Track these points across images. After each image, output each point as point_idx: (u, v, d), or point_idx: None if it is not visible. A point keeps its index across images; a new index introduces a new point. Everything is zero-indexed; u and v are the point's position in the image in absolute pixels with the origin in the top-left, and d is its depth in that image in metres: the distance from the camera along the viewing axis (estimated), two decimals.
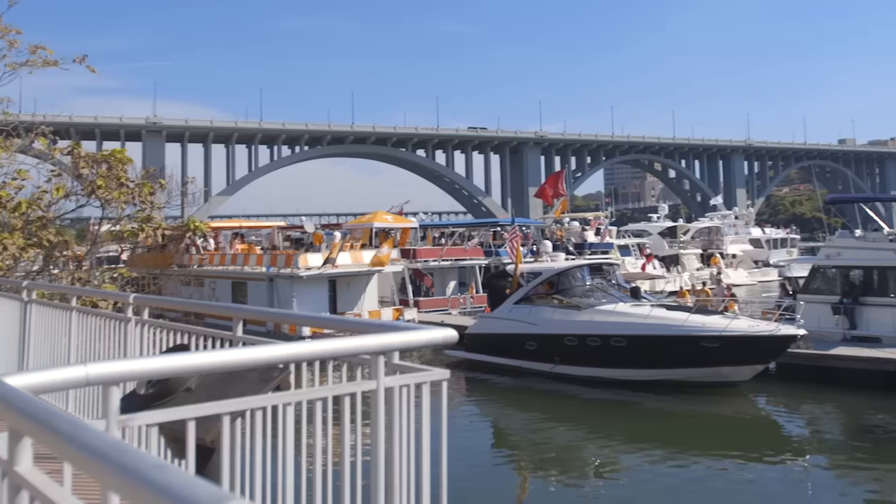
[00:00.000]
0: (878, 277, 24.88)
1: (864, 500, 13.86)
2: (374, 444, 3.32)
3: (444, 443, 3.59)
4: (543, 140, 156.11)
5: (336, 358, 3.41)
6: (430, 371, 3.63)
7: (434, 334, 3.44)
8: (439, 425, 3.57)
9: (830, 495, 14.33)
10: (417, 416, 3.55)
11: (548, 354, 24.21)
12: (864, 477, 15.17)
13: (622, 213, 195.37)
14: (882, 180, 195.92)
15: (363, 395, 3.36)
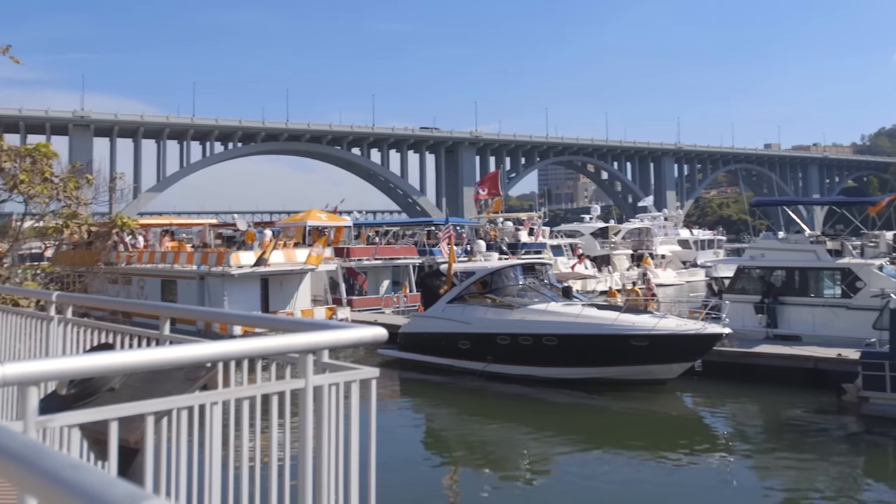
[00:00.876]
0: (799, 278, 25.71)
1: (783, 493, 14.28)
2: (302, 443, 3.31)
3: (372, 441, 3.60)
4: (479, 140, 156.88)
5: (264, 356, 3.39)
6: (360, 369, 3.64)
7: (363, 332, 3.45)
8: (369, 424, 3.58)
9: (753, 489, 14.75)
10: (346, 414, 3.55)
11: (480, 353, 24.37)
12: (783, 470, 15.66)
13: (555, 213, 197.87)
14: (805, 184, 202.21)
15: (292, 393, 3.35)
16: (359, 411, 3.60)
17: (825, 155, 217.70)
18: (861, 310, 23.69)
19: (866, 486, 14.90)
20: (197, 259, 33.39)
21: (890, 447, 16.99)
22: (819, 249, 25.59)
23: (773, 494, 14.26)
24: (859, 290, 24.26)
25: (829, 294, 25.21)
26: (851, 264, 24.94)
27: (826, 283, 25.57)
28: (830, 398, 19.77)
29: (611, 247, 62.03)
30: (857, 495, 14.30)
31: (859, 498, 14.17)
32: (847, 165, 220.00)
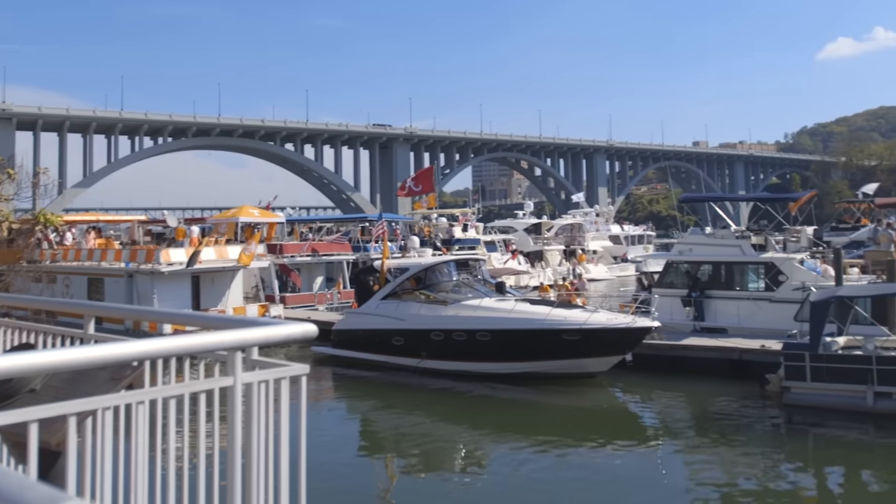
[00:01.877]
0: (725, 272, 26.39)
1: (711, 480, 14.64)
2: (230, 442, 3.28)
3: (303, 438, 3.60)
4: (413, 136, 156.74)
5: (192, 354, 3.35)
6: (290, 366, 3.62)
7: (293, 329, 3.43)
8: (299, 421, 3.57)
9: (681, 478, 15.10)
10: (276, 411, 3.54)
11: (414, 349, 24.40)
12: (710, 458, 16.09)
13: (489, 209, 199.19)
14: (731, 181, 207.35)
15: (221, 391, 3.32)
16: (289, 408, 3.59)
17: (751, 153, 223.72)
18: (783, 302, 24.45)
19: (787, 472, 15.39)
20: (125, 256, 32.66)
21: (809, 434, 17.59)
22: (744, 244, 26.31)
23: (700, 482, 14.62)
24: (782, 284, 25.03)
25: (754, 287, 25.95)
26: (774, 258, 25.71)
27: (750, 276, 26.30)
28: (754, 388, 20.35)
29: (544, 242, 62.68)
30: (778, 480, 14.76)
31: (781, 483, 14.63)
32: (771, 163, 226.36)
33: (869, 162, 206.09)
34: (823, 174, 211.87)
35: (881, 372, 17.86)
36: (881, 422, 17.55)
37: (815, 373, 18.60)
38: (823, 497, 14.25)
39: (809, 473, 15.52)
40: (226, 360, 3.39)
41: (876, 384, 17.85)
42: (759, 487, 14.24)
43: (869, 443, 16.99)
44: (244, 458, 3.30)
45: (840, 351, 19.02)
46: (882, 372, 17.85)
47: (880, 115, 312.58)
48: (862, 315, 21.16)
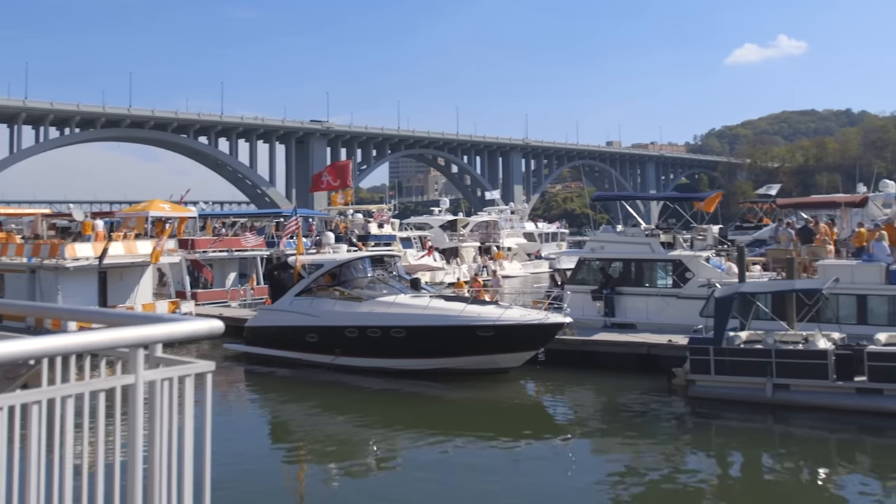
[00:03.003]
0: (635, 269, 27.05)
1: (620, 471, 15.01)
2: (131, 442, 3.22)
3: (207, 437, 3.55)
4: (330, 132, 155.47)
5: (92, 352, 3.27)
6: (195, 363, 3.57)
7: (198, 325, 3.38)
8: (204, 419, 3.53)
9: (591, 469, 15.43)
10: (180, 410, 3.48)
11: (329, 346, 24.24)
12: (620, 450, 16.49)
13: (406, 205, 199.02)
14: (643, 180, 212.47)
15: (123, 390, 3.25)
16: (194, 407, 3.54)
17: (661, 153, 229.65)
18: (690, 298, 25.21)
19: (692, 461, 15.90)
20: (28, 251, 31.46)
21: (712, 425, 18.20)
22: (653, 242, 27.01)
23: (610, 473, 14.97)
24: (689, 281, 25.80)
25: (662, 284, 26.67)
26: (682, 256, 26.47)
27: (659, 273, 27.02)
28: (662, 382, 20.94)
29: (459, 239, 63.08)
30: (683, 469, 15.24)
31: (686, 471, 15.10)
32: (681, 163, 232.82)
33: (772, 164, 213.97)
34: (730, 175, 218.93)
35: (779, 364, 18.61)
36: (779, 412, 18.32)
37: (719, 366, 19.25)
38: (725, 484, 14.77)
39: (712, 462, 16.07)
40: (128, 358, 3.32)
41: (775, 376, 18.60)
42: (666, 476, 14.67)
43: (768, 432, 17.70)
44: (147, 459, 3.24)
45: (742, 345, 19.71)
46: (780, 364, 18.60)
47: (783, 120, 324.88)
48: (763, 310, 22.02)
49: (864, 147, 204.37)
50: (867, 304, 23.11)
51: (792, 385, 18.59)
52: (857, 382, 18.08)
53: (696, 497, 13.72)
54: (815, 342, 19.07)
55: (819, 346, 18.76)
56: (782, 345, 19.22)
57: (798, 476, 14.96)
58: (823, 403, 18.18)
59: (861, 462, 15.85)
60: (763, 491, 14.17)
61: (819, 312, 21.20)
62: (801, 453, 16.07)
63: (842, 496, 13.91)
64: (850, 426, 17.39)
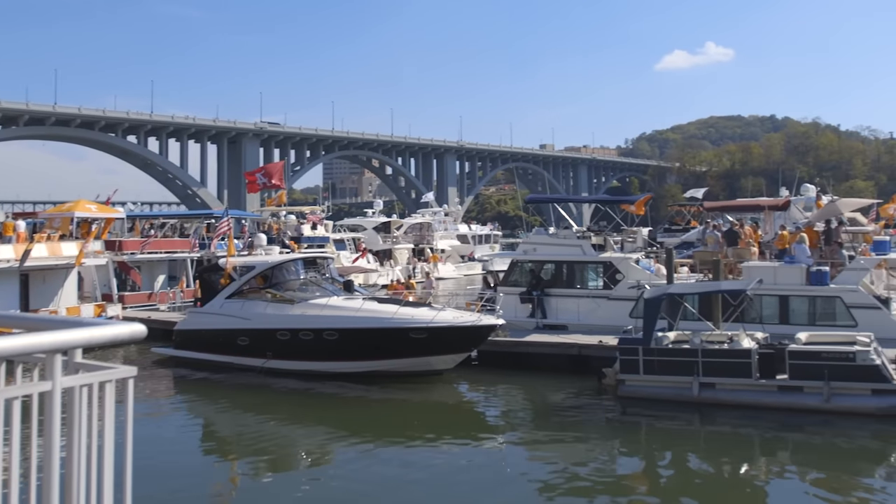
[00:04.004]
0: (567, 271, 27.37)
1: (551, 470, 15.15)
2: (48, 451, 3.13)
3: (128, 444, 3.47)
4: (263, 132, 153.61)
5: (8, 358, 3.17)
6: (116, 368, 3.49)
7: (119, 329, 3.31)
8: (126, 426, 3.45)
9: (523, 469, 15.55)
10: (100, 417, 3.40)
11: (260, 349, 23.95)
12: (551, 449, 16.65)
13: (340, 207, 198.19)
14: (575, 183, 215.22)
15: (40, 397, 3.16)
16: (114, 414, 3.46)
17: (593, 156, 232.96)
18: (620, 300, 25.66)
19: (622, 459, 16.19)
20: None
21: (641, 423, 18.53)
22: (585, 244, 27.37)
23: (542, 472, 15.09)
24: (619, 282, 26.22)
25: (593, 286, 27.04)
26: (612, 258, 26.89)
27: (590, 275, 27.39)
28: (593, 382, 21.23)
29: (393, 241, 63.00)
30: (613, 468, 15.51)
31: (616, 470, 15.36)
32: (612, 167, 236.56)
33: (700, 168, 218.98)
34: (659, 178, 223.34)
35: (706, 364, 19.06)
36: (705, 410, 18.76)
37: (648, 366, 19.62)
38: (654, 481, 15.05)
39: (641, 460, 16.35)
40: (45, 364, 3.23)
41: (701, 375, 19.04)
42: (596, 475, 14.88)
43: (694, 430, 18.11)
44: (64, 468, 3.16)
45: (670, 345, 20.13)
46: (706, 364, 19.05)
47: (710, 125, 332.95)
48: (690, 311, 22.51)
49: (787, 152, 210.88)
50: (789, 305, 23.85)
51: (717, 383, 19.05)
52: (778, 380, 18.63)
53: (625, 495, 13.95)
54: (740, 342, 19.58)
55: (743, 346, 19.27)
56: (708, 344, 19.68)
57: (723, 472, 15.33)
58: (747, 401, 18.68)
59: (782, 457, 16.31)
60: (690, 487, 14.47)
61: (744, 312, 21.77)
62: (726, 450, 16.47)
63: (764, 491, 14.31)
64: (772, 423, 17.88)
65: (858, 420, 17.55)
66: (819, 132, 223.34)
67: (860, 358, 18.01)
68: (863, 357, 18.00)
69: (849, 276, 23.85)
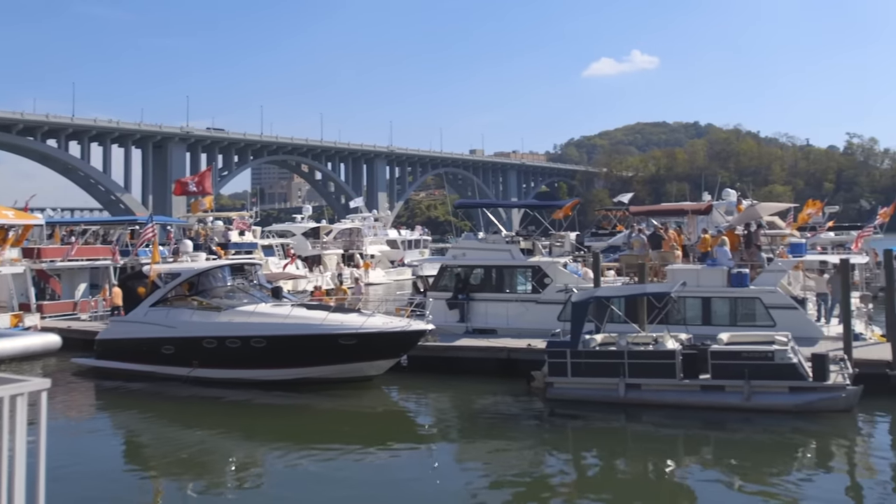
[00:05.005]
0: (496, 275, 27.56)
1: (482, 473, 15.22)
2: None
3: (41, 457, 3.38)
4: (190, 136, 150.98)
5: None
6: (28, 381, 3.40)
7: (31, 340, 3.23)
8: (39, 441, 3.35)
9: (454, 473, 15.57)
10: (11, 430, 3.30)
11: (186, 358, 23.48)
12: (481, 453, 16.71)
13: (268, 213, 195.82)
14: (505, 188, 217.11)
15: None
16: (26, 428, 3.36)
17: (523, 162, 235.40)
18: (549, 304, 25.96)
19: (550, 461, 16.35)
20: None
21: (569, 425, 18.77)
22: (513, 249, 27.62)
23: (472, 476, 15.15)
24: (547, 286, 26.53)
25: (522, 290, 27.30)
26: (541, 262, 27.20)
27: (519, 279, 27.64)
28: (521, 385, 21.39)
29: (322, 247, 62.57)
30: (542, 470, 15.65)
31: (544, 472, 15.51)
32: (541, 172, 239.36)
33: (627, 173, 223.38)
34: (587, 183, 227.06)
35: (631, 365, 19.42)
36: (631, 411, 19.10)
37: (575, 368, 19.88)
38: (581, 481, 15.23)
39: (569, 462, 16.52)
40: None
41: (627, 376, 19.38)
42: (526, 477, 15.02)
43: (621, 430, 18.40)
44: None
45: (597, 347, 20.43)
46: (632, 365, 19.41)
47: (637, 131, 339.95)
48: (617, 314, 22.93)
49: (710, 158, 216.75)
50: (711, 306, 24.48)
51: (643, 384, 19.43)
52: (701, 380, 19.09)
53: (554, 495, 14.09)
54: (664, 343, 19.99)
55: (667, 347, 19.68)
56: (634, 346, 20.05)
57: (649, 470, 15.63)
58: (671, 401, 19.09)
59: (705, 455, 16.71)
60: (617, 486, 14.71)
61: (668, 314, 22.28)
62: (651, 449, 16.79)
63: (689, 487, 14.62)
64: (695, 422, 18.32)
65: (777, 417, 18.11)
66: (740, 138, 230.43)
67: (778, 357, 18.57)
68: (780, 356, 18.57)
69: (768, 278, 24.60)
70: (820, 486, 14.27)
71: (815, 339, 22.83)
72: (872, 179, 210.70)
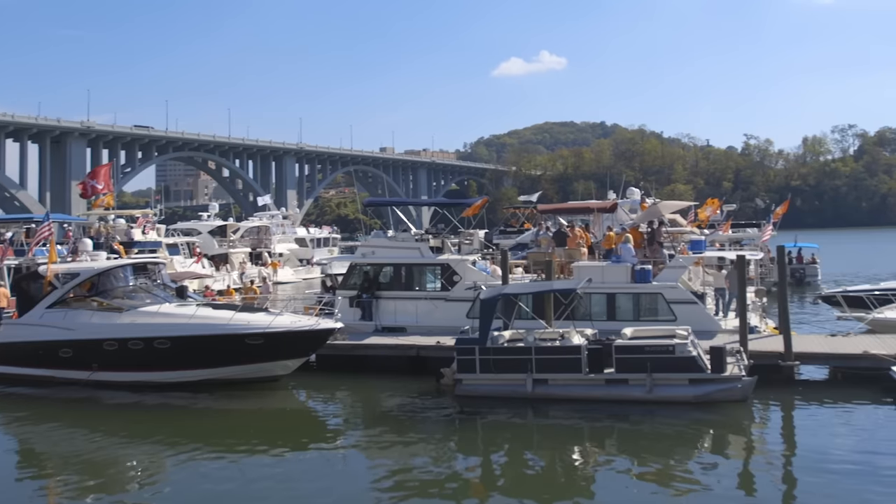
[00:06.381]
0: (405, 273, 27.58)
1: (390, 473, 15.16)
2: None
3: None
4: (91, 131, 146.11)
5: None
6: None
7: None
8: None
9: (363, 473, 15.51)
10: None
11: (85, 361, 22.71)
12: (390, 451, 16.65)
13: (174, 211, 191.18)
14: (415, 186, 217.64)
15: None
16: None
17: (433, 160, 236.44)
18: (458, 301, 26.14)
19: (459, 457, 16.46)
20: None
21: (478, 421, 18.89)
22: (423, 247, 27.69)
23: (382, 475, 15.11)
24: (456, 284, 26.70)
25: (431, 288, 27.40)
26: (450, 260, 27.35)
27: (428, 277, 27.73)
28: (431, 382, 21.50)
29: (229, 245, 61.50)
30: (451, 466, 15.73)
31: (454, 468, 15.59)
32: (451, 170, 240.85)
33: (535, 171, 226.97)
34: (497, 181, 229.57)
35: (538, 361, 19.74)
36: (538, 405, 19.42)
37: (484, 365, 20.07)
38: (490, 476, 15.39)
39: (478, 457, 16.65)
40: None
41: (534, 372, 19.69)
42: (435, 474, 15.08)
43: (528, 425, 18.66)
44: None
45: (505, 344, 20.68)
46: (539, 361, 19.73)
47: (545, 130, 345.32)
48: (525, 310, 23.29)
49: (616, 157, 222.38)
50: (616, 302, 25.08)
51: (550, 379, 19.77)
52: (606, 374, 19.56)
53: (463, 491, 14.19)
54: (570, 338, 20.39)
55: (573, 343, 20.09)
56: (541, 342, 20.38)
57: (556, 464, 15.88)
58: (577, 395, 19.49)
59: (609, 447, 17.08)
60: (525, 480, 14.90)
61: (574, 310, 22.71)
62: (558, 443, 17.10)
63: (594, 479, 14.94)
64: (600, 415, 18.74)
65: (677, 408, 18.70)
66: (644, 139, 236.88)
67: (679, 350, 19.17)
68: (681, 349, 19.18)
69: (669, 274, 25.36)
70: (717, 472, 14.79)
71: (713, 333, 23.66)
72: (767, 179, 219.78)
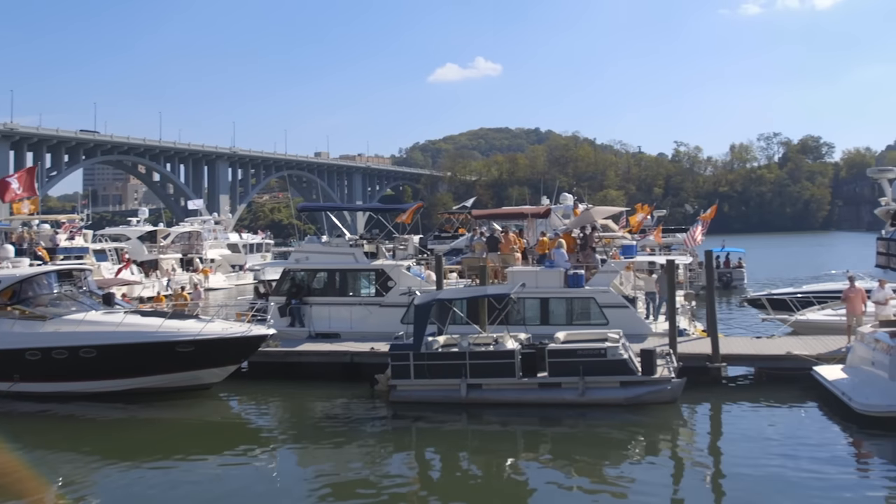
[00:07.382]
0: (340, 279, 27.43)
1: (323, 481, 15.03)
2: None
3: None
4: (14, 133, 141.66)
5: None
6: None
7: None
8: None
9: (295, 481, 15.36)
10: None
11: (6, 372, 21.93)
12: (324, 458, 16.55)
13: (102, 215, 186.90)
14: (350, 191, 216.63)
15: None
16: None
17: (368, 165, 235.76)
18: (392, 307, 26.09)
19: (393, 463, 16.39)
20: None
21: (412, 427, 18.85)
22: (357, 252, 27.58)
23: (315, 483, 14.94)
24: (391, 289, 26.64)
25: (366, 293, 27.31)
26: (384, 265, 27.30)
27: (363, 283, 27.65)
28: (365, 389, 21.37)
29: (159, 251, 60.31)
30: (385, 472, 15.65)
31: (388, 474, 15.51)
32: (387, 175, 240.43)
33: (470, 177, 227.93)
34: (432, 187, 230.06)
35: (472, 366, 19.78)
36: (472, 410, 19.46)
37: (418, 370, 20.03)
38: (424, 481, 15.36)
39: (413, 463, 16.63)
40: None
41: (469, 377, 19.73)
42: (369, 480, 14.96)
43: (462, 429, 18.69)
44: None
45: (439, 349, 20.70)
46: (473, 366, 19.78)
47: (481, 136, 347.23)
48: (459, 315, 23.33)
49: (550, 163, 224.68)
50: (549, 306, 25.34)
51: (484, 384, 19.83)
52: (539, 378, 19.72)
53: (397, 497, 14.13)
54: (504, 343, 20.50)
55: (507, 347, 20.19)
56: (475, 347, 20.44)
57: (490, 467, 15.92)
58: (511, 399, 19.60)
59: (543, 450, 17.22)
60: (459, 484, 14.94)
61: (508, 315, 22.89)
62: (492, 446, 17.18)
63: (527, 482, 15.05)
64: (534, 418, 18.91)
65: (609, 410, 18.95)
66: (578, 145, 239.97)
67: (610, 353, 19.44)
68: (612, 352, 19.45)
69: (601, 279, 25.71)
70: (648, 474, 15.01)
71: (644, 336, 24.08)
72: (697, 185, 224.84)
